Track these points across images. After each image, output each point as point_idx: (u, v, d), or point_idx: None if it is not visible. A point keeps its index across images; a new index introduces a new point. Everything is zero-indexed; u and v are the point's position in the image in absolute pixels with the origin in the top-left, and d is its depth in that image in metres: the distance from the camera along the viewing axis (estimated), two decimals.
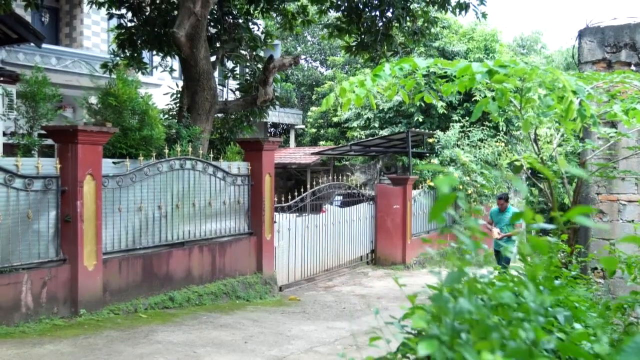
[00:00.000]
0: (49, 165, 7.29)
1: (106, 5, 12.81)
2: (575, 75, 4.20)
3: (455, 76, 4.58)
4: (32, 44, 15.00)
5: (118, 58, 13.27)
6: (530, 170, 6.20)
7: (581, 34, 6.93)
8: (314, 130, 28.89)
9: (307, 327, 7.94)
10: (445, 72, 4.82)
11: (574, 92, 3.20)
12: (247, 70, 13.47)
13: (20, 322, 6.82)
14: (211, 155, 9.90)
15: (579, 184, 5.90)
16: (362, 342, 7.21)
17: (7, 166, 6.86)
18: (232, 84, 14.20)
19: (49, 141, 8.18)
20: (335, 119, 25.73)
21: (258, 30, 13.10)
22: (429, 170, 16.52)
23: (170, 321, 7.66)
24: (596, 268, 6.73)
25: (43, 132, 8.10)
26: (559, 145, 7.20)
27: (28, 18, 16.18)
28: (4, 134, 14.34)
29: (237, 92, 13.29)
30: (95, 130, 7.49)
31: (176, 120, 11.02)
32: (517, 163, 9.34)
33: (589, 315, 2.51)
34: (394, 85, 5.01)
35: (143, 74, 13.85)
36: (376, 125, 22.38)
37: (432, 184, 16.30)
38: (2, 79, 13.68)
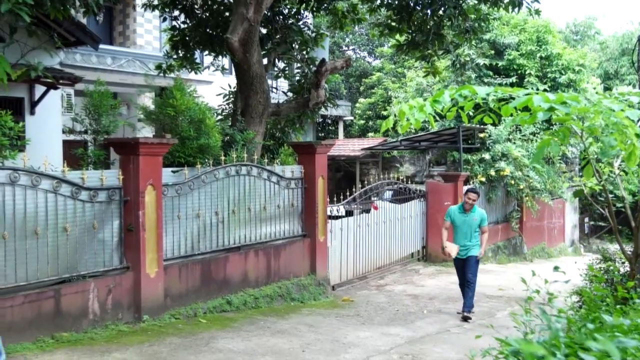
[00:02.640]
0: (112, 177, 7.55)
1: (159, 7, 13.06)
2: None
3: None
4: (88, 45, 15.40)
5: (171, 59, 13.54)
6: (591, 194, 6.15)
7: None
8: (362, 121, 28.88)
9: (363, 333, 8.04)
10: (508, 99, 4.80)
11: (638, 135, 3.19)
12: (298, 71, 13.56)
13: (88, 328, 7.11)
14: (265, 160, 10.04)
15: None
16: (417, 350, 7.30)
17: (73, 179, 7.12)
18: (283, 85, 14.32)
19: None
20: (384, 112, 25.67)
21: (308, 29, 13.15)
22: (480, 166, 16.38)
23: (229, 326, 7.86)
24: None
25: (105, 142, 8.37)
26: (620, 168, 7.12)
27: (84, 20, 16.57)
28: (63, 132, 14.79)
29: (289, 94, 13.40)
30: (156, 142, 7.71)
31: (229, 123, 11.22)
32: (578, 188, 9.11)
33: None
34: (452, 106, 5.03)
35: (195, 73, 14.10)
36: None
37: (483, 179, 16.19)
38: (61, 81, 14.09)
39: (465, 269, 9.48)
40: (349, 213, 13.83)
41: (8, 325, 6.39)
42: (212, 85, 17.70)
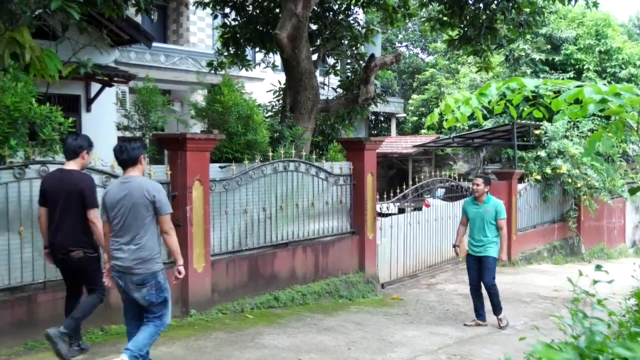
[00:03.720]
0: (160, 172, 7.61)
1: (211, 5, 13.16)
2: None
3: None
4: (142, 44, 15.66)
5: (222, 56, 13.63)
6: None
7: None
8: (415, 118, 28.58)
9: (410, 332, 7.91)
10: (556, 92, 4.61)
11: None
12: (348, 67, 13.47)
13: None
14: (314, 156, 9.99)
15: None
16: (465, 351, 7.13)
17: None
18: (333, 81, 14.25)
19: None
20: (437, 109, 25.35)
21: (358, 25, 13.04)
22: (535, 163, 15.96)
23: (276, 322, 7.84)
24: None
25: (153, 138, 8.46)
26: None
27: (138, 18, 16.86)
28: (118, 128, 15.07)
29: (338, 90, 13.32)
30: (203, 137, 7.75)
31: (279, 119, 11.22)
32: (634, 186, 8.69)
33: None
34: (500, 100, 4.86)
35: (246, 70, 14.16)
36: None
37: (538, 177, 15.77)
38: (116, 79, 14.36)
39: (481, 270, 8.46)
40: (402, 211, 13.68)
41: (59, 316, 6.49)
42: (263, 82, 17.76)
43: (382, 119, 29.57)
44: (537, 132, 16.59)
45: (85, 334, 6.64)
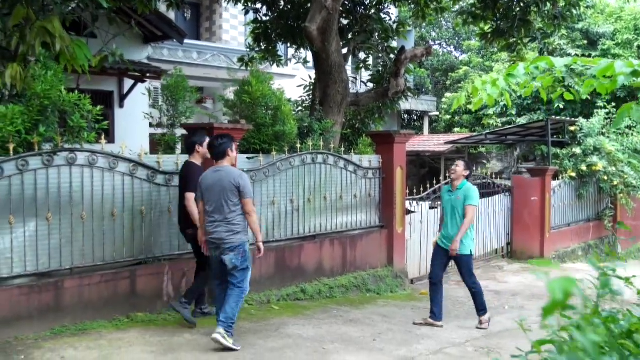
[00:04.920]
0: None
1: (242, 1, 13.18)
2: None
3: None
4: (175, 40, 15.80)
5: (254, 52, 13.65)
6: None
7: None
8: (448, 117, 28.29)
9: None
10: (587, 68, 4.48)
11: None
12: (379, 61, 13.37)
13: (162, 310, 7.22)
14: (342, 149, 9.93)
15: None
16: (493, 344, 6.99)
17: (150, 163, 7.26)
18: (364, 75, 14.17)
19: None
20: (470, 106, 25.05)
21: (390, 20, 12.94)
22: (570, 160, 15.64)
23: (301, 314, 7.80)
24: None
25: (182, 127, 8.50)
26: None
27: (172, 16, 17.01)
28: (151, 125, 15.21)
29: (369, 84, 13.24)
30: (230, 127, 7.74)
31: (309, 113, 11.18)
32: None
33: None
34: (529, 82, 4.75)
35: (278, 66, 14.15)
36: (513, 112, 21.55)
37: (573, 174, 15.46)
38: (148, 75, 14.50)
39: (459, 270, 7.92)
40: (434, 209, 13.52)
41: (85, 303, 6.57)
42: (295, 79, 17.77)
43: (415, 117, 29.34)
44: (572, 128, 16.26)
45: (112, 321, 6.70)
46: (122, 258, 7.02)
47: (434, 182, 12.51)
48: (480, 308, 7.95)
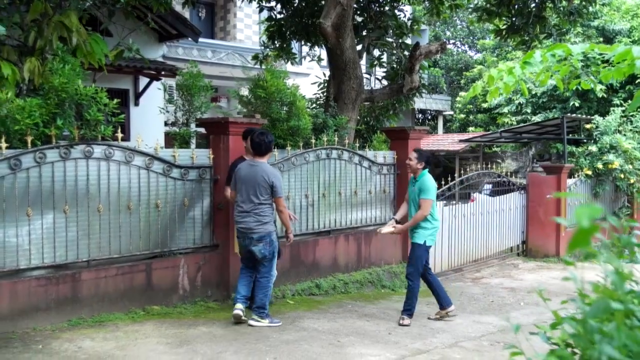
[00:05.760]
0: (203, 156, 7.67)
1: None
2: None
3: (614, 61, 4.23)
4: (189, 39, 15.87)
5: (268, 50, 13.67)
6: None
7: None
8: (462, 116, 28.21)
9: (453, 320, 7.76)
10: (604, 57, 4.46)
11: None
12: (393, 58, 13.35)
13: (177, 303, 7.27)
14: (357, 145, 9.93)
15: None
16: (509, 339, 6.95)
17: (166, 157, 7.30)
18: (378, 72, 14.15)
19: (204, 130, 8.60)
20: (485, 105, 24.95)
21: (404, 17, 12.92)
22: (585, 158, 15.53)
23: (316, 308, 7.81)
24: None
25: (197, 122, 8.53)
26: None
27: (187, 15, 17.11)
28: (165, 124, 15.30)
29: (384, 81, 13.22)
30: (245, 121, 7.76)
31: (323, 110, 11.18)
32: None
33: None
34: (546, 71, 4.72)
35: (292, 64, 14.17)
36: (528, 110, 21.44)
37: (589, 172, 15.35)
38: (163, 73, 14.58)
39: (408, 257, 7.65)
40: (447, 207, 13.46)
41: (102, 295, 6.62)
42: (309, 77, 17.79)
43: (430, 116, 29.28)
44: (588, 126, 16.14)
45: (128, 313, 6.74)
46: (138, 251, 7.06)
47: (449, 180, 12.44)
48: (407, 308, 7.42)
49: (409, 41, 13.36)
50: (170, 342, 5.96)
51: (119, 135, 6.83)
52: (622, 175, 15.53)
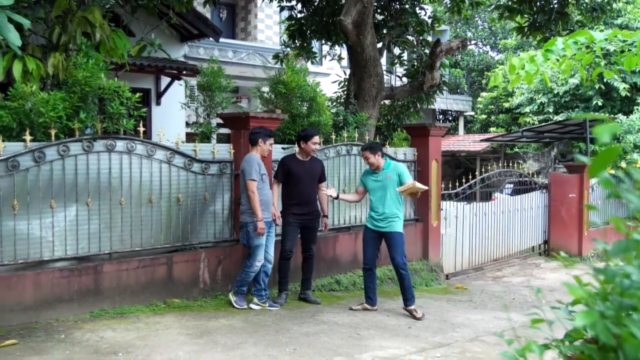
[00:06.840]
0: (224, 151, 7.71)
1: None
2: None
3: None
4: (210, 38, 15.98)
5: (289, 49, 13.72)
6: None
7: None
8: (484, 116, 28.04)
9: (474, 315, 7.73)
10: (628, 46, 4.42)
11: None
12: (413, 55, 13.32)
13: (198, 296, 7.30)
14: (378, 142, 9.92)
15: None
16: (530, 334, 6.90)
17: (187, 151, 7.35)
18: (399, 70, 14.13)
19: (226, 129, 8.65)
20: (506, 105, 24.78)
21: (425, 15, 12.89)
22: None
23: (336, 303, 7.81)
24: None
25: (219, 119, 8.58)
26: None
27: (208, 16, 17.22)
28: (187, 124, 15.43)
29: (404, 79, 13.20)
30: (266, 116, 7.79)
31: (343, 107, 11.19)
32: None
33: None
34: (569, 61, 4.69)
35: (312, 63, 14.21)
36: (550, 110, 21.26)
37: (612, 171, 15.20)
38: (184, 72, 14.69)
39: (390, 249, 7.46)
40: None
41: (123, 287, 6.68)
42: (330, 77, 17.82)
43: (451, 117, 29.16)
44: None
45: (149, 305, 6.79)
46: (159, 244, 7.11)
47: (470, 178, 12.37)
48: (409, 297, 7.44)
49: (429, 39, 13.34)
50: (190, 333, 5.99)
51: (141, 129, 6.89)
52: None
